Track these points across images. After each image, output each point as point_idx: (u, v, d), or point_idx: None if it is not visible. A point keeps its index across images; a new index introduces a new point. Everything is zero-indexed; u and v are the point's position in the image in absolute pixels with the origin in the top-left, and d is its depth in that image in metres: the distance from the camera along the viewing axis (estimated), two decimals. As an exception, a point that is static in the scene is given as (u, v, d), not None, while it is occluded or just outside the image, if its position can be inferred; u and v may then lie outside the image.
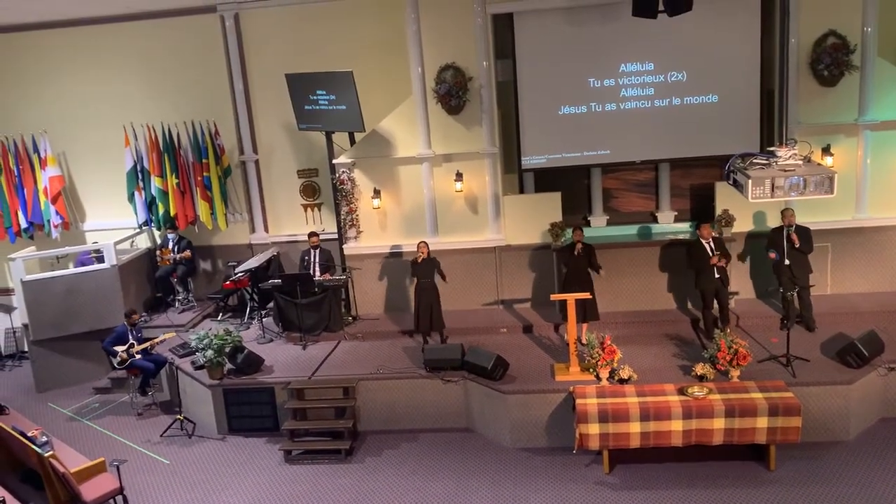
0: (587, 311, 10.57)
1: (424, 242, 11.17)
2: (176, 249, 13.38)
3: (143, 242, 14.10)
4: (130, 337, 11.17)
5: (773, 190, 7.86)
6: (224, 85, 13.33)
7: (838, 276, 11.19)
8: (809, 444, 9.00)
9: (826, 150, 10.93)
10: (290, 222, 13.91)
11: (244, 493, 9.33)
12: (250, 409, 10.72)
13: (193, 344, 10.92)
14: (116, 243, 12.91)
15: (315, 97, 11.88)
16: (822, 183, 7.82)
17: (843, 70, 10.78)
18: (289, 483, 9.48)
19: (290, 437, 10.24)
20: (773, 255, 10.40)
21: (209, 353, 10.57)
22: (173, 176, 13.24)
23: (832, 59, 10.73)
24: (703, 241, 10.50)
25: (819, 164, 8.97)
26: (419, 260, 11.03)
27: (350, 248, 12.40)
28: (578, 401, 9.18)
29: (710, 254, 10.41)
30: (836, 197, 8.49)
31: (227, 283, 12.83)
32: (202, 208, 13.30)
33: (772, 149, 8.42)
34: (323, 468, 9.77)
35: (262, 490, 9.37)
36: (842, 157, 11.01)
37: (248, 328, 12.53)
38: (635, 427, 8.86)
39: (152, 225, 13.65)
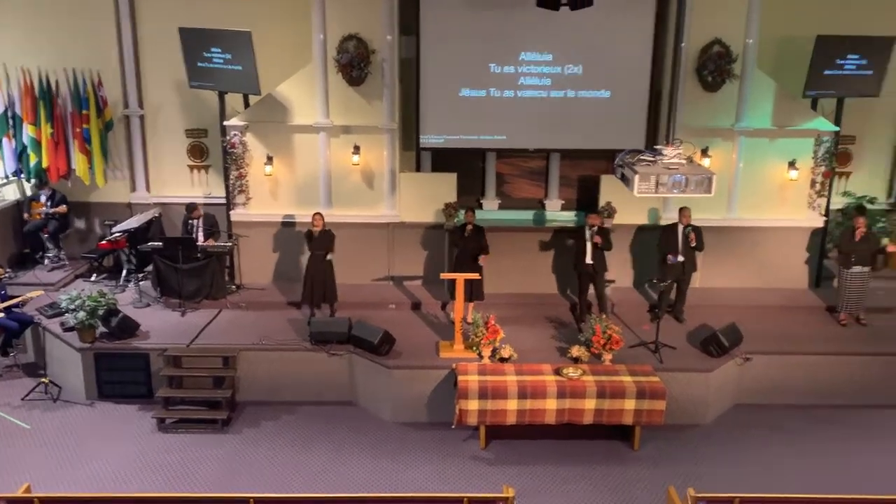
0: (474, 291, 10.79)
1: (319, 214, 11.05)
2: (49, 204, 12.60)
3: (10, 194, 13.16)
4: (-8, 294, 10.47)
5: (657, 186, 8.33)
6: (111, 33, 12.56)
7: (707, 271, 11.91)
8: (670, 426, 9.59)
9: (704, 152, 11.61)
10: (174, 183, 13.33)
11: (113, 461, 8.98)
12: (122, 375, 10.31)
13: (63, 304, 10.35)
14: (-21, 193, 12.03)
15: (210, 55, 11.42)
16: (702, 183, 8.35)
17: (724, 77, 11.42)
18: (161, 452, 9.20)
19: (164, 405, 9.92)
20: (671, 257, 10.91)
21: (81, 314, 10.06)
22: (48, 125, 12.41)
23: (716, 66, 11.36)
24: (586, 229, 10.89)
25: (700, 165, 9.55)
26: (314, 232, 10.90)
27: (238, 214, 12.08)
28: (460, 377, 9.40)
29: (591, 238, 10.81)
30: (711, 196, 9.07)
31: (104, 242, 12.23)
32: (79, 161, 12.54)
33: (659, 147, 8.89)
34: (198, 437, 9.53)
35: (133, 458, 9.05)
36: (718, 160, 11.73)
37: (124, 291, 12.00)
38: (512, 404, 9.17)
39: (22, 176, 12.77)
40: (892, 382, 10.35)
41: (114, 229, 12.20)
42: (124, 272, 12.36)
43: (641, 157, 8.79)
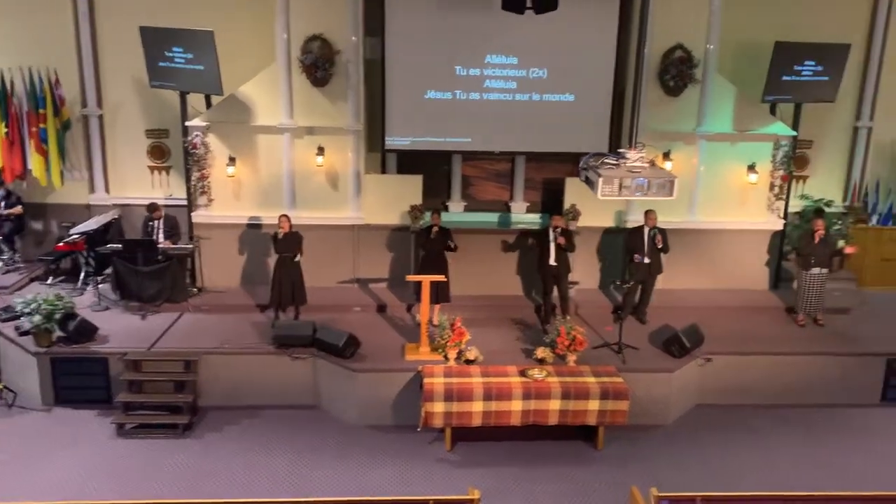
0: (439, 293, 10.78)
1: (286, 216, 10.94)
2: (3, 205, 12.29)
3: (-39, 194, 12.82)
4: (-57, 297, 10.17)
5: (620, 189, 8.41)
6: (69, 31, 12.30)
7: (668, 273, 12.03)
8: (634, 427, 9.68)
9: (666, 156, 11.77)
10: (134, 184, 13.10)
11: (70, 468, 8.78)
12: (80, 380, 10.10)
13: (19, 308, 10.10)
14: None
15: (171, 54, 11.25)
16: (664, 186, 8.45)
17: (686, 82, 11.60)
18: (121, 458, 9.03)
19: (124, 410, 9.74)
20: (637, 256, 11.05)
21: (37, 318, 9.83)
22: (3, 124, 12.12)
23: (678, 71, 11.53)
24: (550, 230, 10.96)
25: (662, 168, 9.67)
26: (280, 234, 10.79)
27: (199, 216, 11.90)
28: (426, 380, 9.39)
29: (553, 240, 10.89)
30: (672, 199, 9.18)
31: (61, 244, 11.97)
32: (36, 162, 12.26)
33: (622, 150, 8.98)
34: (159, 443, 9.38)
35: (91, 464, 8.86)
36: (680, 163, 11.89)
37: (82, 294, 11.75)
38: (478, 406, 9.18)
39: (-26, 176, 12.46)
40: (849, 382, 10.60)
41: (72, 231, 11.96)
42: (82, 275, 12.11)
43: (605, 161, 8.86)
